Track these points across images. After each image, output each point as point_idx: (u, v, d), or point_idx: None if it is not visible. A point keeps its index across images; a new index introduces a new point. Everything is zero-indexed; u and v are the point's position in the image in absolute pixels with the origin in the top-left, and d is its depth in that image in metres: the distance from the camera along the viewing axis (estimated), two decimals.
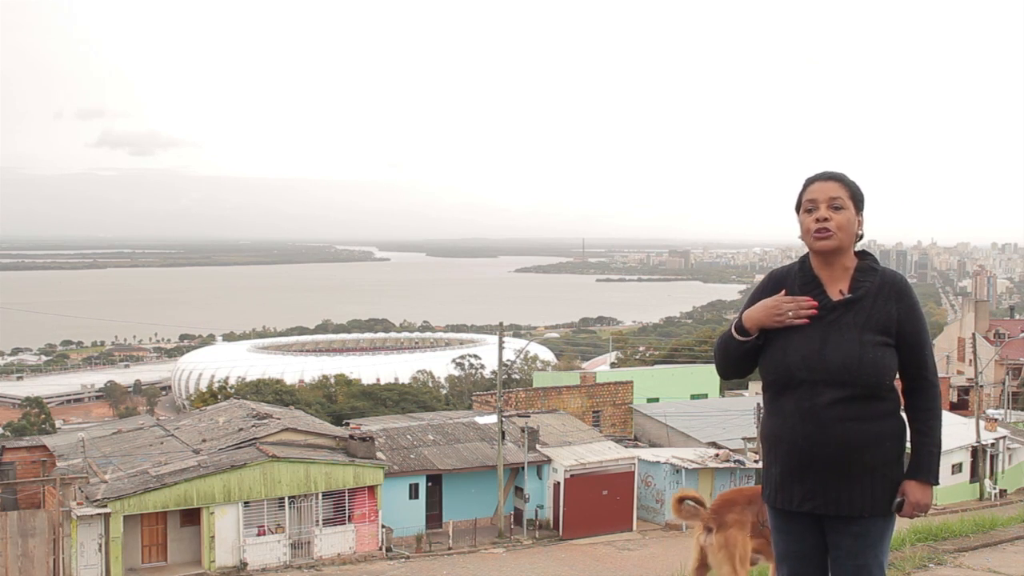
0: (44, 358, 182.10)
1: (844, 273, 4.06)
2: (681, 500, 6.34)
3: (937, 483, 4.03)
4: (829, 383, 3.91)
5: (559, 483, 39.77)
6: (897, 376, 4.07)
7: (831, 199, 4.01)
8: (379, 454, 37.96)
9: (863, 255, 4.12)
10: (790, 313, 3.98)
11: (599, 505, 39.57)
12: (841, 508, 3.98)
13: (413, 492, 39.23)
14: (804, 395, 3.96)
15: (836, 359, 3.91)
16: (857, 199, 4.05)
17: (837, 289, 4.05)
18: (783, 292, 4.07)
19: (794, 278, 4.13)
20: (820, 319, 3.99)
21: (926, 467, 4.00)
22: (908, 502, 3.99)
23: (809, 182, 4.11)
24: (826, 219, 3.99)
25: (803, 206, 4.08)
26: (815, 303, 4.00)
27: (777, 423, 4.08)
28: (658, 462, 42.24)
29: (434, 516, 39.56)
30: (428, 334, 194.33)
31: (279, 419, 39.70)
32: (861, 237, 4.11)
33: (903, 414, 4.07)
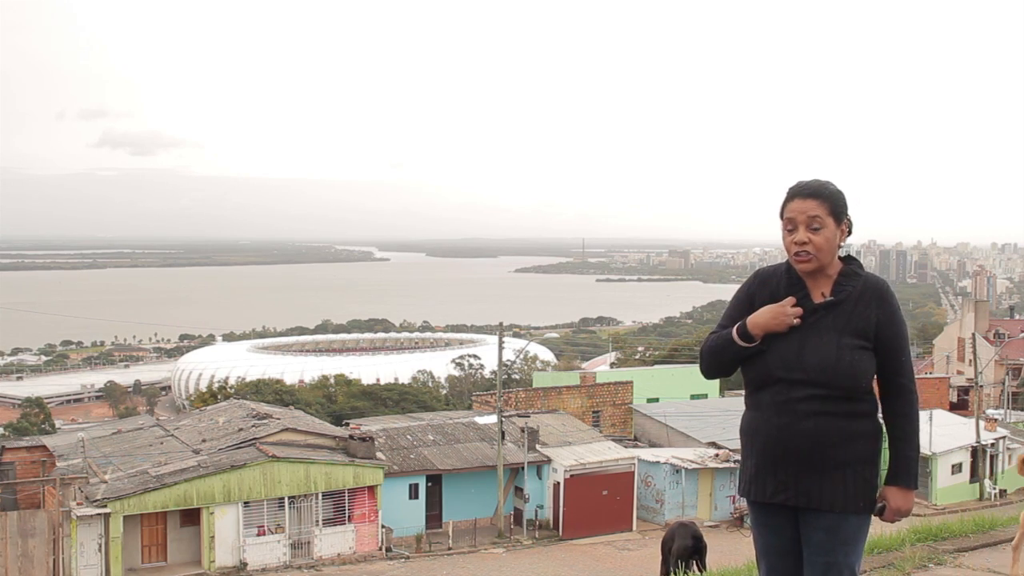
0: (44, 358, 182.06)
1: (827, 279, 4.13)
2: None
3: (916, 488, 4.07)
4: (806, 383, 3.99)
5: (559, 483, 39.78)
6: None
7: (809, 219, 4.04)
8: (379, 454, 37.98)
9: (848, 260, 4.17)
10: (795, 320, 4.04)
11: (599, 505, 39.57)
12: (812, 501, 4.03)
13: (413, 492, 39.24)
14: (781, 390, 4.05)
15: (813, 360, 3.98)
16: (837, 212, 4.06)
17: (820, 292, 4.11)
18: (791, 299, 4.10)
19: (780, 279, 4.20)
20: (801, 321, 4.07)
21: (904, 472, 4.05)
22: (889, 508, 4.04)
23: (789, 197, 4.12)
24: (805, 242, 4.04)
25: (784, 223, 4.13)
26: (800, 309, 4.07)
27: (754, 416, 4.18)
28: (658, 462, 42.25)
29: (434, 516, 39.56)
30: (428, 334, 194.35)
31: (279, 419, 39.71)
32: (844, 244, 4.15)
33: (880, 418, 4.12)
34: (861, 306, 4.03)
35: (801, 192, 4.08)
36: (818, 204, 4.03)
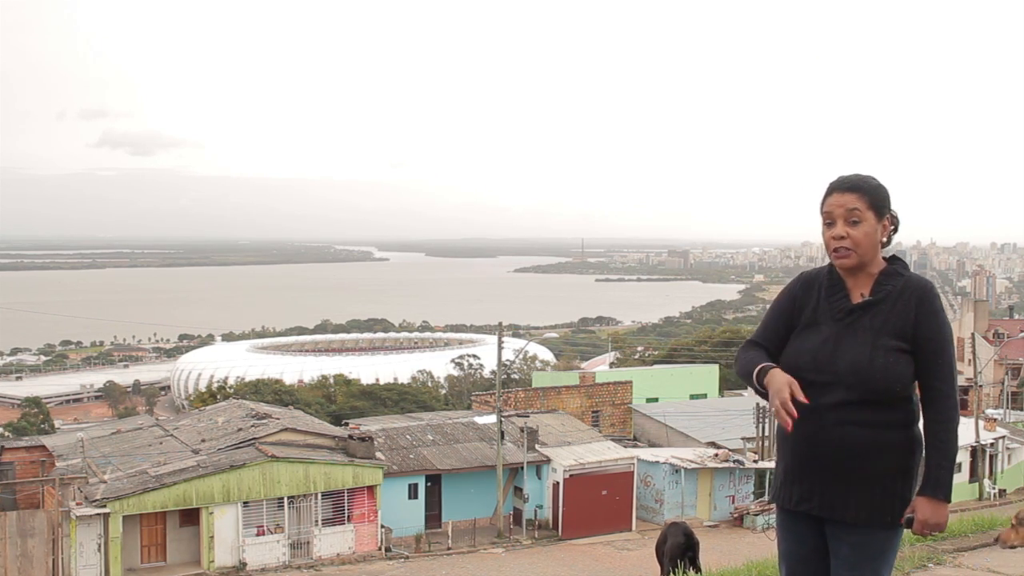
0: (43, 358, 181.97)
1: (868, 278, 3.97)
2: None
3: (949, 500, 3.85)
4: (837, 385, 3.84)
5: (558, 483, 39.77)
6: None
7: (848, 213, 3.91)
8: (378, 454, 37.96)
9: (892, 260, 4.03)
10: (783, 412, 3.76)
11: (598, 505, 39.57)
12: (835, 512, 3.92)
13: (412, 492, 39.23)
14: (811, 395, 3.85)
15: (845, 361, 3.84)
16: (878, 206, 3.92)
17: (859, 293, 3.98)
18: (798, 391, 3.83)
19: (822, 281, 4.09)
20: (838, 322, 3.95)
21: (934, 482, 3.83)
22: (917, 519, 3.83)
23: (829, 191, 4.00)
24: (843, 236, 3.92)
25: (823, 218, 4.01)
26: (795, 414, 3.76)
27: None
28: (657, 462, 42.26)
29: (433, 516, 39.55)
30: (427, 334, 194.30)
31: (278, 419, 39.69)
32: (889, 242, 4.01)
33: (918, 427, 3.93)
34: (900, 306, 3.86)
35: (840, 186, 3.96)
36: (857, 197, 3.91)
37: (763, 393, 3.95)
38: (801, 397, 3.76)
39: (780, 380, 3.84)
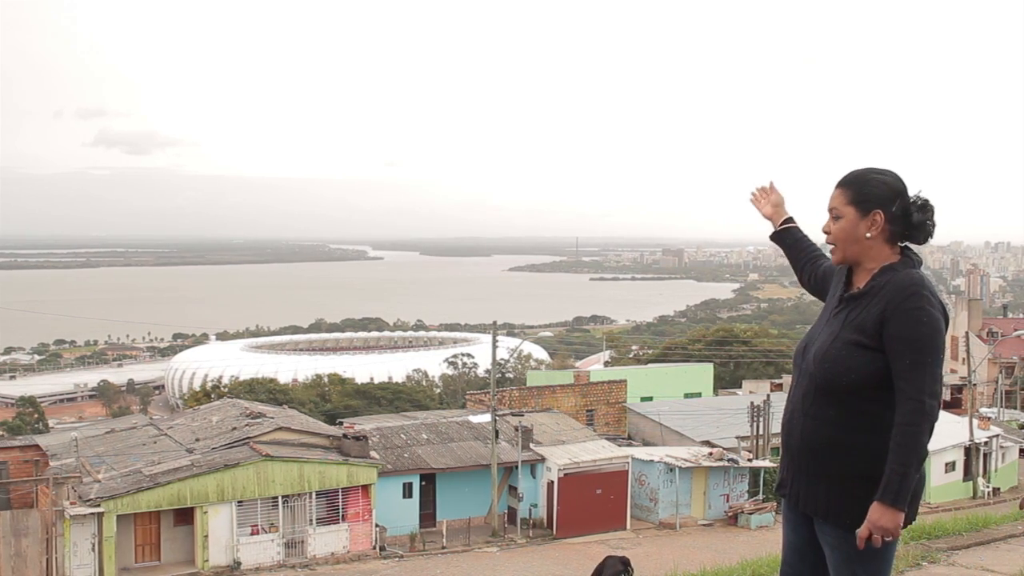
0: (37, 357, 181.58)
1: (867, 274, 3.99)
2: None
3: (902, 508, 3.67)
4: (805, 373, 3.98)
5: (553, 482, 39.78)
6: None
7: (831, 210, 4.01)
8: (373, 453, 37.93)
9: (903, 255, 3.97)
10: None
11: (593, 504, 39.58)
12: (800, 503, 4.02)
13: (407, 491, 39.20)
14: (795, 380, 4.09)
15: (811, 351, 3.98)
16: (861, 201, 3.92)
17: (857, 287, 4.03)
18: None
19: (840, 272, 4.19)
20: (831, 312, 4.06)
21: (885, 486, 3.68)
22: (866, 522, 3.70)
23: None
24: (827, 232, 4.04)
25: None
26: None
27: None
28: (652, 461, 42.26)
29: (428, 515, 39.54)
30: (422, 333, 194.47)
31: (273, 418, 39.66)
32: (897, 236, 3.95)
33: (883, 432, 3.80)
34: (875, 301, 3.84)
35: (837, 183, 4.04)
36: (840, 193, 3.98)
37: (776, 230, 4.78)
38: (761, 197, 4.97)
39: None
